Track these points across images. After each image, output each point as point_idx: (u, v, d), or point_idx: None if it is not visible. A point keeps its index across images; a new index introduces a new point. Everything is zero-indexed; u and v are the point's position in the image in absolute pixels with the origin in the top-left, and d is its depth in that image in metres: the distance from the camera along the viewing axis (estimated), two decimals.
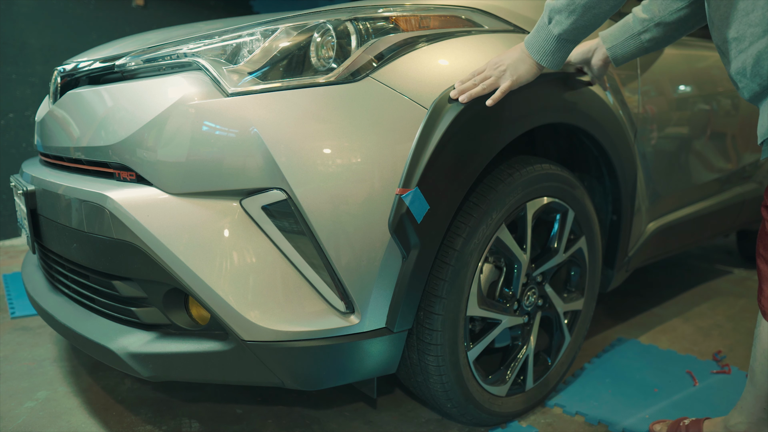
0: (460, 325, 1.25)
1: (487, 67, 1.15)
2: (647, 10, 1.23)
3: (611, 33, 1.29)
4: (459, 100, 1.12)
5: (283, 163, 1.03)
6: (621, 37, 1.27)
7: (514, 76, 1.14)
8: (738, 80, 1.00)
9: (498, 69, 1.14)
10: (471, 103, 1.13)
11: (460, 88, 1.13)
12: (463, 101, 1.12)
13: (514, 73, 1.14)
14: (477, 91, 1.12)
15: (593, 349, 1.88)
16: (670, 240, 1.91)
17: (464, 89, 1.13)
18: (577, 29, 1.08)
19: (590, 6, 1.04)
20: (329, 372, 1.15)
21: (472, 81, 1.14)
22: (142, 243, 1.06)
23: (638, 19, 1.24)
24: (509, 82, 1.14)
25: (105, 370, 1.68)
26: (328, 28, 1.12)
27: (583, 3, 1.04)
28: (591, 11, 1.05)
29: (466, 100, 1.12)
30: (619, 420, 1.46)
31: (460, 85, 1.14)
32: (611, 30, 1.30)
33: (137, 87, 1.18)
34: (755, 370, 1.14)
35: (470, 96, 1.12)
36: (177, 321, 1.16)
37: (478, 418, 1.37)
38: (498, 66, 1.14)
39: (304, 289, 1.09)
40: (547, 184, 1.35)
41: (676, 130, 1.80)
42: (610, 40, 1.29)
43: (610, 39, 1.29)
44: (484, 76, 1.14)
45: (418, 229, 1.10)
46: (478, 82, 1.14)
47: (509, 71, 1.14)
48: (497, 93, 1.14)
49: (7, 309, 2.18)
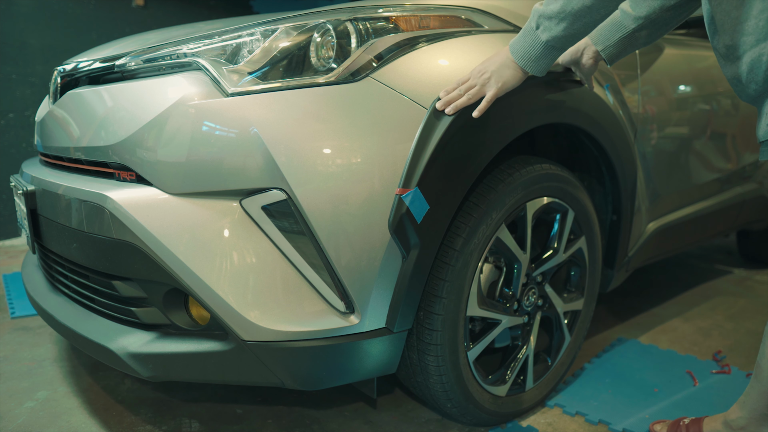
0: (460, 325, 1.25)
1: (471, 75, 1.13)
2: (637, 7, 1.19)
3: (601, 33, 1.26)
4: (446, 111, 1.11)
5: (283, 163, 1.03)
6: (613, 37, 1.24)
7: (499, 83, 1.11)
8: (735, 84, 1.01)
9: (482, 77, 1.11)
10: (470, 104, 1.13)
11: (445, 99, 1.11)
12: (450, 113, 1.11)
13: (499, 80, 1.11)
14: (463, 102, 1.10)
15: (593, 349, 1.88)
16: (670, 240, 1.91)
17: (450, 100, 1.11)
18: (566, 36, 1.06)
19: (581, 14, 1.02)
20: (329, 372, 1.15)
21: (457, 91, 1.11)
22: (142, 243, 1.06)
23: (630, 16, 1.21)
24: (494, 90, 1.11)
25: (105, 370, 1.68)
26: (328, 28, 1.12)
27: (574, 11, 1.02)
28: (581, 20, 1.03)
29: (452, 112, 1.10)
30: (619, 420, 1.46)
31: (444, 95, 1.12)
32: (600, 30, 1.26)
33: (137, 87, 1.18)
34: (762, 366, 1.14)
35: (456, 107, 1.10)
36: (177, 321, 1.16)
37: (478, 418, 1.37)
38: (482, 74, 1.12)
39: (304, 289, 1.09)
40: (547, 184, 1.35)
41: (676, 130, 1.80)
42: (602, 41, 1.26)
43: (601, 40, 1.26)
44: (468, 85, 1.11)
45: (418, 229, 1.10)
46: (463, 91, 1.11)
47: (494, 78, 1.11)
48: (483, 103, 1.11)
49: (7, 309, 2.18)
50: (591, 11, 1.02)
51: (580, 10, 1.02)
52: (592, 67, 1.32)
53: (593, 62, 1.30)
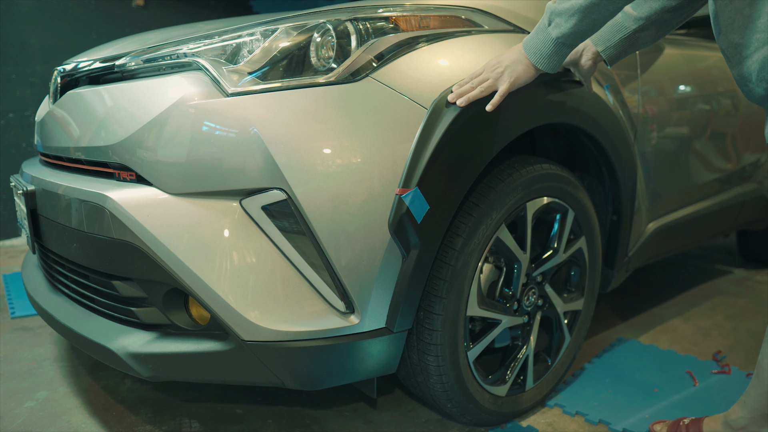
0: (460, 325, 1.25)
1: (485, 69, 1.14)
2: (638, 8, 1.20)
3: (602, 34, 1.27)
4: (457, 103, 1.12)
5: (283, 163, 1.03)
6: (614, 38, 1.25)
7: (512, 77, 1.13)
8: (743, 84, 1.00)
9: (495, 71, 1.13)
10: (470, 104, 1.13)
11: (458, 92, 1.12)
12: (461, 105, 1.12)
13: (512, 74, 1.13)
14: (475, 94, 1.12)
15: (593, 349, 1.88)
16: (670, 240, 1.91)
17: (462, 92, 1.12)
18: (575, 33, 1.07)
19: (590, 11, 1.03)
20: (329, 372, 1.15)
21: (470, 84, 1.13)
22: (142, 243, 1.06)
23: (631, 17, 1.21)
24: (507, 85, 1.13)
25: (105, 370, 1.68)
26: (328, 28, 1.12)
27: (583, 7, 1.03)
28: (590, 16, 1.04)
29: (464, 104, 1.12)
30: (619, 420, 1.46)
31: (458, 88, 1.13)
32: (601, 31, 1.27)
33: (137, 87, 1.18)
34: (763, 365, 1.14)
35: (468, 99, 1.11)
36: (177, 321, 1.16)
37: (478, 418, 1.37)
38: (496, 68, 1.13)
39: (304, 289, 1.09)
40: (547, 184, 1.35)
41: (676, 130, 1.80)
42: (603, 42, 1.26)
43: (602, 41, 1.27)
44: (481, 79, 1.13)
45: (418, 229, 1.10)
46: (475, 84, 1.13)
47: (507, 73, 1.13)
48: (496, 97, 1.13)
49: (7, 309, 2.18)
50: (599, 7, 1.03)
51: (588, 6, 1.03)
52: (591, 68, 1.32)
53: (592, 63, 1.31)
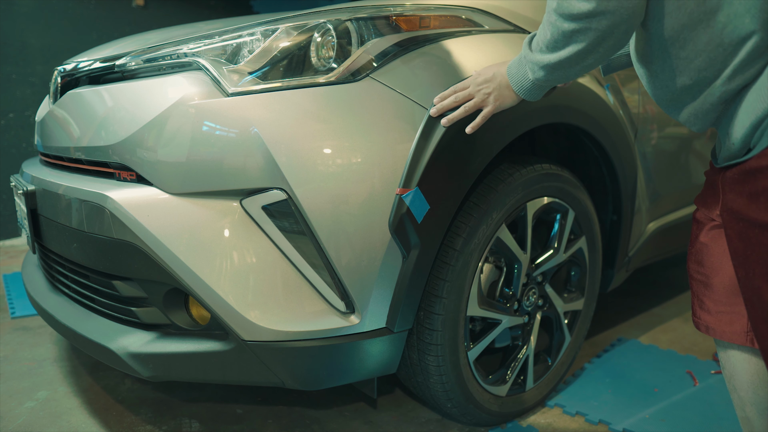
0: (460, 325, 1.25)
1: (471, 83, 1.08)
2: None
3: None
4: (441, 123, 1.10)
5: (283, 163, 1.03)
6: None
7: (498, 101, 1.07)
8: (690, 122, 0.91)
9: (482, 92, 1.07)
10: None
11: (439, 106, 1.09)
12: (444, 125, 1.10)
13: (498, 98, 1.07)
14: (458, 114, 1.08)
15: (593, 349, 1.87)
16: (671, 240, 1.91)
17: (443, 108, 1.09)
18: (549, 81, 0.99)
19: (556, 68, 0.93)
20: (329, 372, 1.15)
21: (453, 98, 1.09)
22: (142, 243, 1.06)
23: None
24: (491, 107, 1.07)
25: (105, 370, 1.67)
26: (328, 28, 1.12)
27: (551, 65, 0.93)
28: (556, 72, 0.95)
29: (448, 124, 1.10)
30: (619, 420, 1.45)
31: (439, 100, 1.10)
32: None
33: (137, 87, 1.18)
34: (750, 417, 0.96)
35: (450, 120, 1.09)
36: (177, 321, 1.16)
37: (478, 418, 1.37)
38: (483, 88, 1.07)
39: (305, 289, 1.09)
40: (548, 184, 1.35)
41: (676, 130, 1.80)
42: None
43: None
44: (466, 95, 1.08)
45: (419, 229, 1.10)
46: (460, 100, 1.08)
47: (493, 96, 1.07)
48: (478, 119, 1.08)
49: (7, 309, 2.18)
50: (563, 67, 0.93)
51: (554, 65, 0.93)
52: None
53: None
